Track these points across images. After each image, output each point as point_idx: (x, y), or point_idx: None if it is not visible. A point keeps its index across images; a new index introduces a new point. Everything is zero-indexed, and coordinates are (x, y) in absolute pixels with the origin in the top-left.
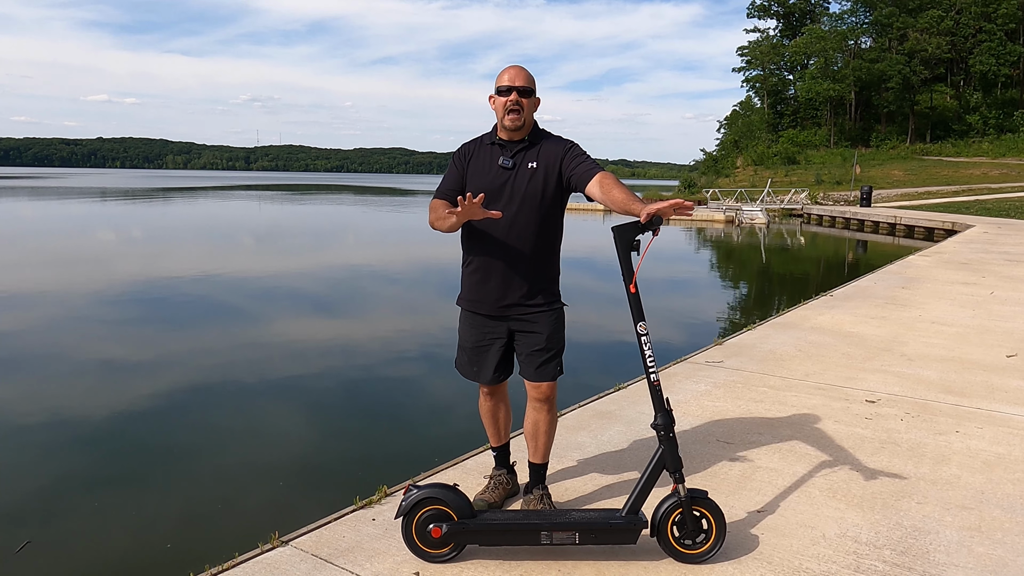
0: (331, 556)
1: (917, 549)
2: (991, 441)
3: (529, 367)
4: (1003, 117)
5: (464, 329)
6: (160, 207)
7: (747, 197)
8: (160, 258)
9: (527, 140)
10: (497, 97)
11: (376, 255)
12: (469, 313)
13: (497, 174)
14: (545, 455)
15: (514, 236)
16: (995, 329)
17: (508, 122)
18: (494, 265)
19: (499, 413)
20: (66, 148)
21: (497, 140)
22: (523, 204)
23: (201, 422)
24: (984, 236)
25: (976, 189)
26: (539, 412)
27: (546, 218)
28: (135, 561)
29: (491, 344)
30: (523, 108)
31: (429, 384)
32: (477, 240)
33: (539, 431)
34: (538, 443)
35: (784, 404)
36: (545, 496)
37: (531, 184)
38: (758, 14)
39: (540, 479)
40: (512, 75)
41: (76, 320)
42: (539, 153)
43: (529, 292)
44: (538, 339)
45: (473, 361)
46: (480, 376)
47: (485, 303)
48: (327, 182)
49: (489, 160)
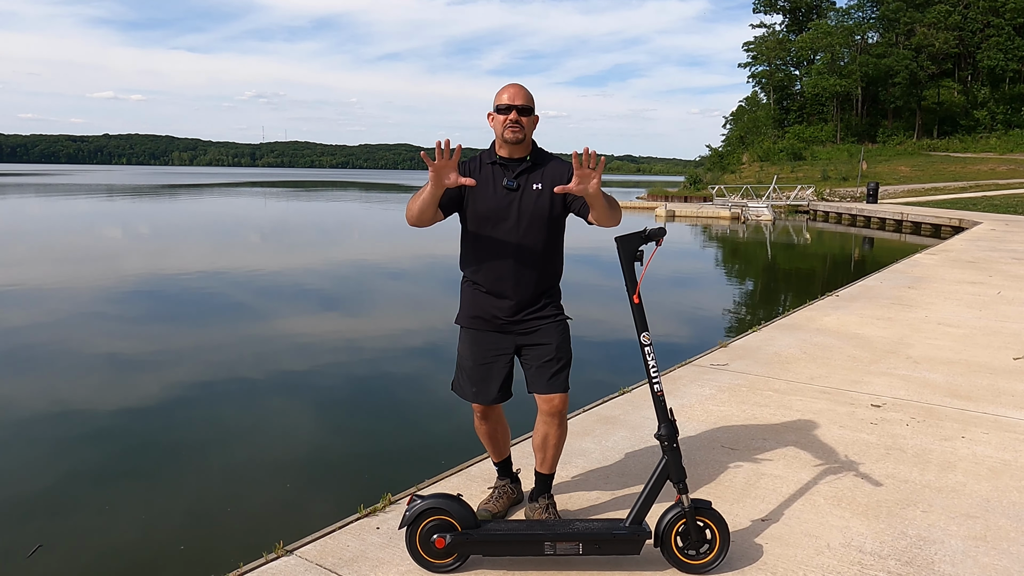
0: (335, 566)
1: (922, 559)
2: (997, 447)
3: (541, 379)
4: (1011, 112)
5: (465, 348)
6: (167, 204)
7: (753, 193)
8: (168, 255)
9: (529, 160)
10: (496, 115)
11: (383, 251)
12: (472, 331)
13: (503, 195)
14: (552, 466)
15: (522, 255)
16: (1002, 331)
17: (508, 135)
18: (503, 283)
19: (496, 435)
20: (72, 145)
21: (498, 160)
22: (530, 225)
23: (207, 421)
24: (992, 233)
25: (984, 185)
26: (550, 426)
27: (551, 236)
28: (144, 568)
29: (495, 360)
30: (523, 125)
31: (435, 384)
32: (485, 259)
33: (548, 444)
34: (546, 455)
35: (789, 408)
36: (550, 506)
37: (537, 205)
38: (764, 9)
39: (546, 488)
40: (512, 94)
41: (85, 316)
42: (543, 175)
43: (537, 306)
44: (547, 350)
45: (474, 380)
46: (480, 396)
47: (491, 319)
48: (332, 178)
49: (492, 180)
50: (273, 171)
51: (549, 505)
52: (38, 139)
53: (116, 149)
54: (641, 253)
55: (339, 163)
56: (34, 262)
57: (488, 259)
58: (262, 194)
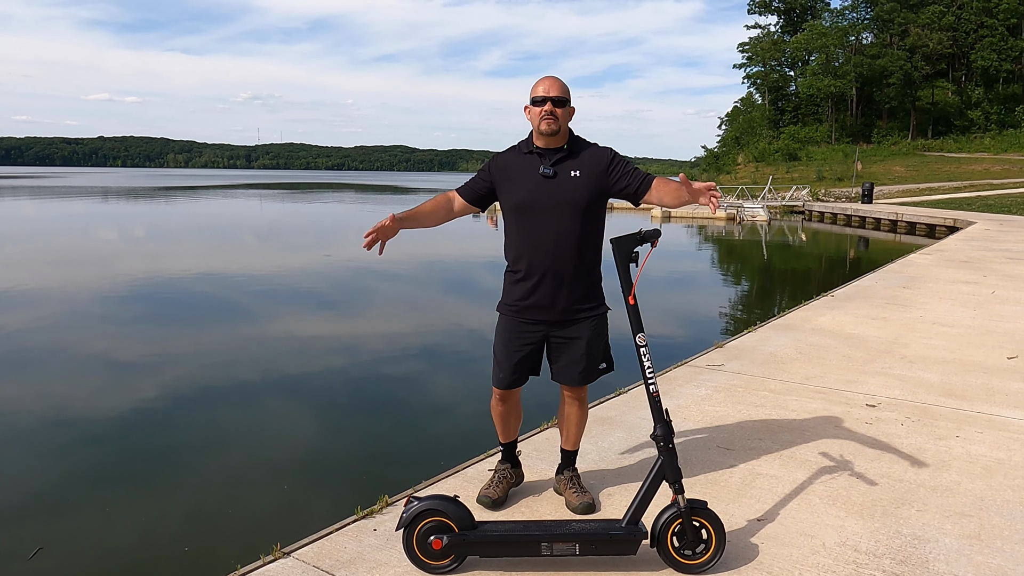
0: (333, 568)
1: (917, 558)
2: (991, 446)
3: (565, 373)
4: (1005, 112)
5: (499, 334)
6: (163, 206)
7: (748, 194)
8: (165, 257)
9: (566, 148)
10: (532, 107)
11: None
12: (508, 319)
13: (539, 182)
14: (576, 443)
15: (561, 243)
16: (996, 330)
17: (544, 126)
18: (542, 272)
19: (510, 418)
20: (67, 147)
21: (535, 149)
22: (568, 211)
23: (205, 423)
24: (986, 233)
25: (978, 185)
26: (572, 406)
27: (589, 223)
28: (143, 570)
29: (522, 349)
30: (558, 116)
31: (431, 385)
32: (524, 247)
33: (571, 422)
34: (570, 432)
35: (784, 409)
36: (575, 477)
37: (576, 192)
38: (759, 10)
39: (571, 462)
40: (547, 86)
41: (82, 319)
42: (580, 162)
43: (575, 298)
44: (579, 346)
45: (502, 366)
46: (502, 381)
47: (530, 309)
48: (328, 180)
49: (528, 169)
50: (269, 173)
51: (574, 477)
52: (32, 141)
53: (111, 151)
54: (636, 254)
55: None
56: (30, 265)
57: (526, 247)
58: (258, 196)
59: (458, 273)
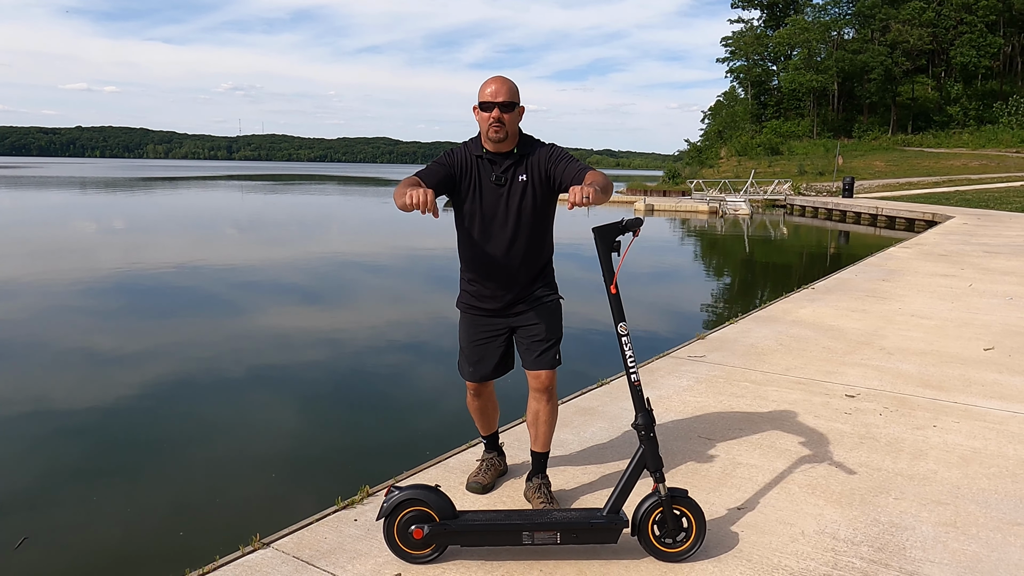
0: (313, 558)
1: (894, 545)
2: (967, 435)
3: (529, 356)
4: (983, 108)
5: (462, 330)
6: (143, 197)
7: (731, 188)
8: (146, 248)
9: (516, 152)
10: (480, 112)
11: (362, 245)
12: (468, 315)
13: (491, 190)
14: (546, 444)
15: (514, 250)
16: (973, 322)
17: (492, 134)
18: (495, 277)
19: (487, 411)
20: (44, 137)
21: (486, 154)
22: (519, 219)
23: (186, 415)
24: (964, 227)
25: (956, 180)
26: (539, 402)
27: (540, 225)
28: (125, 560)
29: (489, 342)
30: (505, 123)
31: (413, 377)
32: (478, 254)
33: (539, 420)
34: (539, 432)
35: (765, 399)
36: (544, 485)
37: (524, 198)
38: (742, 4)
39: (541, 468)
40: (494, 90)
41: (62, 310)
42: (528, 164)
43: (529, 293)
44: (537, 329)
45: (470, 360)
46: (473, 374)
47: (487, 301)
48: (310, 172)
49: (482, 177)
50: (250, 164)
51: (543, 485)
52: (9, 131)
53: (89, 141)
54: (618, 243)
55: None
56: (7, 256)
57: (479, 253)
58: (239, 187)
59: (440, 266)
